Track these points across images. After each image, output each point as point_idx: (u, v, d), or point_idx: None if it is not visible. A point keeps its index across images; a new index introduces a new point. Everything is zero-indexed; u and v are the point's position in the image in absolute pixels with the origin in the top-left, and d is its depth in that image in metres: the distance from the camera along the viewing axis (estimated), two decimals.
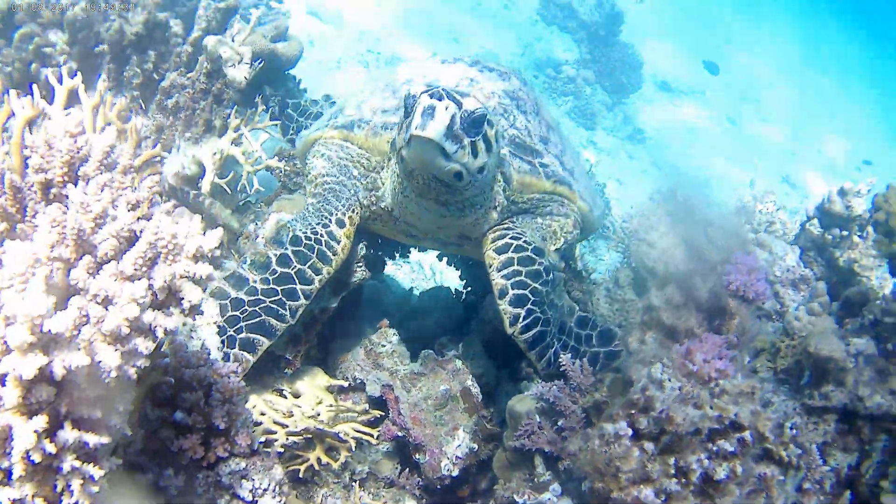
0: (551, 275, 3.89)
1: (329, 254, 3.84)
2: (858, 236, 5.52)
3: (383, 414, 4.11)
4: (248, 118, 4.87)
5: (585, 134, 13.61)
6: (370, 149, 4.11)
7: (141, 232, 1.75)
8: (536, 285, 3.77)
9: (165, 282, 1.63)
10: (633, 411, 3.04)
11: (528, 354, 3.85)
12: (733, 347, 3.34)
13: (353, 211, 4.05)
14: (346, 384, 4.17)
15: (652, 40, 19.11)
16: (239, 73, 4.91)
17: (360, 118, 4.20)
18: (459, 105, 3.31)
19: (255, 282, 3.72)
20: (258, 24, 7.75)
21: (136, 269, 1.60)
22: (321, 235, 3.87)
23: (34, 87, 3.03)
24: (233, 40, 5.07)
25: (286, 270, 3.75)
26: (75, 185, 1.83)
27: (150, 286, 1.62)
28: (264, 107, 5.12)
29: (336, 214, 3.98)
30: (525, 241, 3.90)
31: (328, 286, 4.01)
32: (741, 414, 2.95)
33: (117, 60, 5.45)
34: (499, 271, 3.82)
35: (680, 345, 3.11)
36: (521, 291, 3.74)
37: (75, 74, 3.22)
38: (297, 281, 3.73)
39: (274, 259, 3.77)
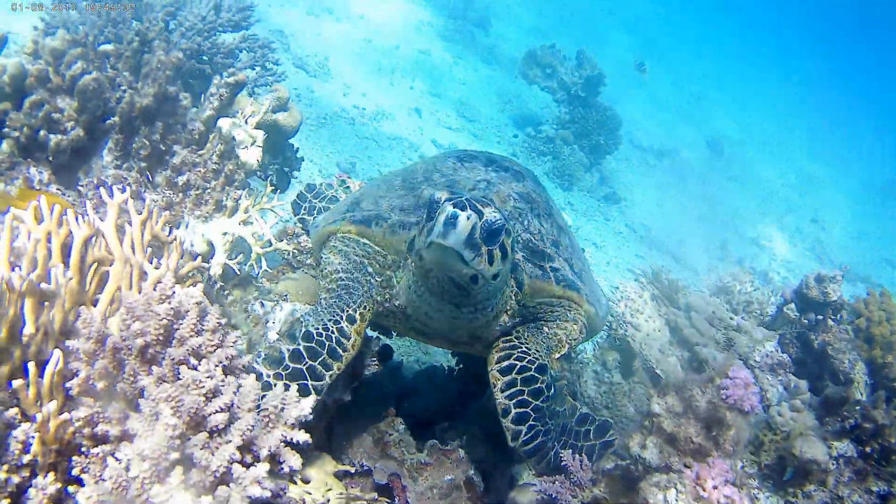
0: (552, 389, 4.03)
1: (339, 350, 3.93)
2: (832, 320, 5.90)
3: (389, 501, 4.24)
4: (256, 198, 5.00)
5: (563, 195, 13.84)
6: (386, 246, 4.23)
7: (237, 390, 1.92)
8: (538, 402, 3.91)
9: (270, 450, 1.79)
10: None
11: (527, 461, 3.99)
12: (729, 456, 3.57)
13: (364, 307, 4.14)
14: (352, 470, 4.29)
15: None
16: (252, 156, 5.05)
17: (377, 214, 4.33)
18: (481, 215, 3.42)
19: (268, 376, 3.80)
20: (255, 85, 7.91)
21: (244, 440, 1.76)
22: (332, 332, 3.95)
23: (87, 204, 3.15)
24: (246, 122, 5.20)
25: (298, 366, 3.83)
26: (170, 343, 1.98)
27: (255, 453, 1.77)
28: (273, 187, 5.24)
29: (347, 311, 4.06)
30: (529, 361, 4.00)
31: (341, 378, 4.12)
32: None
33: (125, 130, 5.53)
34: (502, 392, 3.93)
35: (688, 467, 3.32)
36: (523, 410, 3.87)
37: (124, 190, 3.35)
38: (308, 377, 3.82)
39: (287, 354, 3.86)
